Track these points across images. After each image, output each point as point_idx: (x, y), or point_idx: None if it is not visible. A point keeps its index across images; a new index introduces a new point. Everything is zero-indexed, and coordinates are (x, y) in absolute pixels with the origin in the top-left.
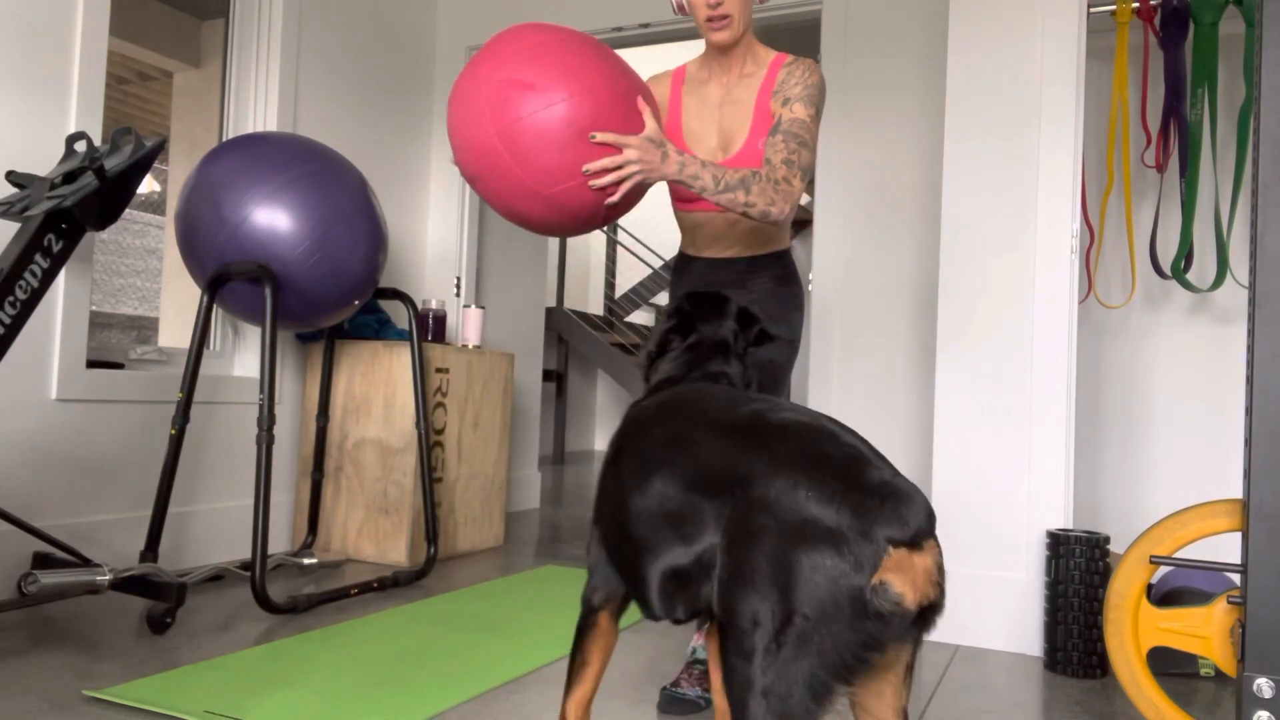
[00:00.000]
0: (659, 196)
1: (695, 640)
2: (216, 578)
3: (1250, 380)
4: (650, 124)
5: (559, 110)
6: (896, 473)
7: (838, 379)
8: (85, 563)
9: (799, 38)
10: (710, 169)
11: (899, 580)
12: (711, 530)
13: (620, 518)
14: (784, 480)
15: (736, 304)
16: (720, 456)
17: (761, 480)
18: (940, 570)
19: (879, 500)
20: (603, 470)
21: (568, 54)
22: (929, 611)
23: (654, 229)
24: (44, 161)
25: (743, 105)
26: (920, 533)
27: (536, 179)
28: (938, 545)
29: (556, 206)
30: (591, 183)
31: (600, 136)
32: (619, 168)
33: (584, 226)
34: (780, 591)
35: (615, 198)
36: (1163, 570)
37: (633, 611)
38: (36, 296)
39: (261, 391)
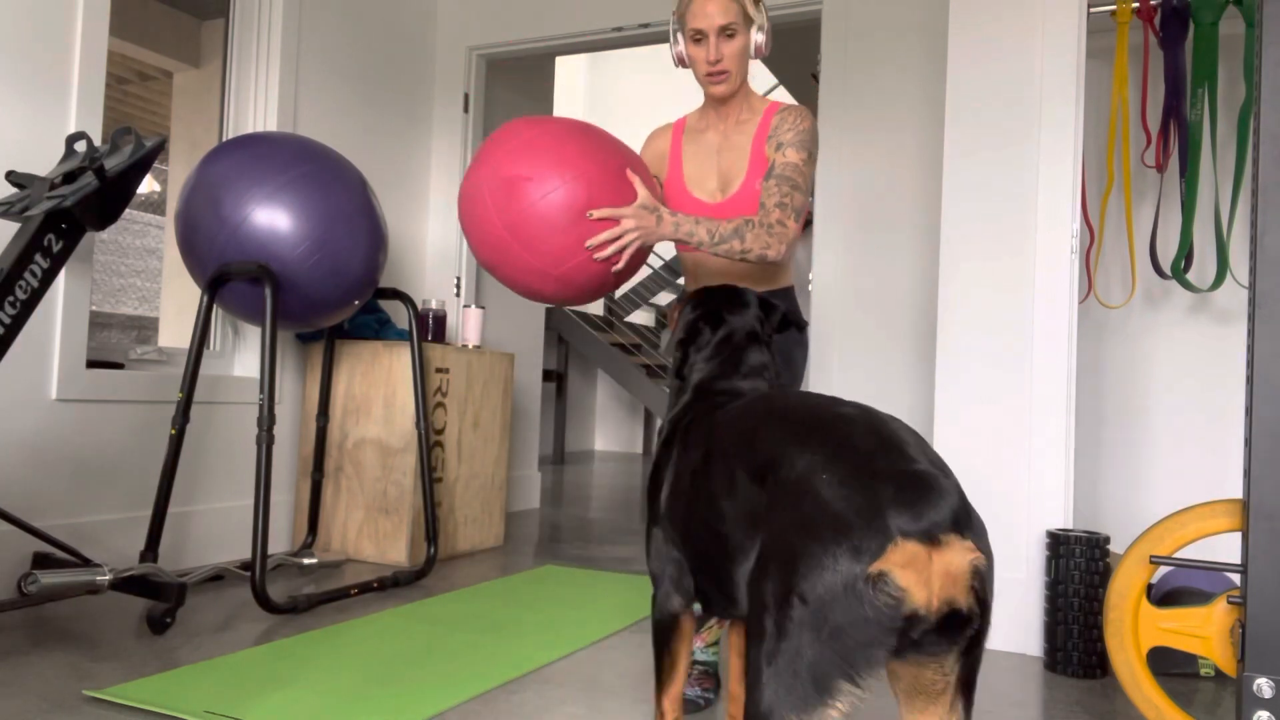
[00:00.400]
0: None
1: (695, 642)
2: (216, 578)
3: (1250, 380)
4: (641, 193)
5: (557, 196)
6: (935, 465)
7: (838, 379)
8: (85, 563)
9: (799, 38)
10: (704, 224)
11: (905, 575)
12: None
13: (710, 523)
14: (806, 465)
15: (754, 292)
16: (769, 447)
17: (787, 466)
18: (977, 576)
19: (896, 488)
20: (677, 475)
21: (558, 144)
22: (957, 621)
23: None
24: (44, 161)
25: (740, 150)
26: (938, 526)
27: (546, 261)
28: (974, 549)
29: (567, 282)
30: (595, 255)
31: (597, 213)
32: (619, 237)
33: (597, 294)
34: (784, 575)
35: (620, 265)
36: (1163, 570)
37: (633, 611)
38: (36, 296)
39: (261, 391)
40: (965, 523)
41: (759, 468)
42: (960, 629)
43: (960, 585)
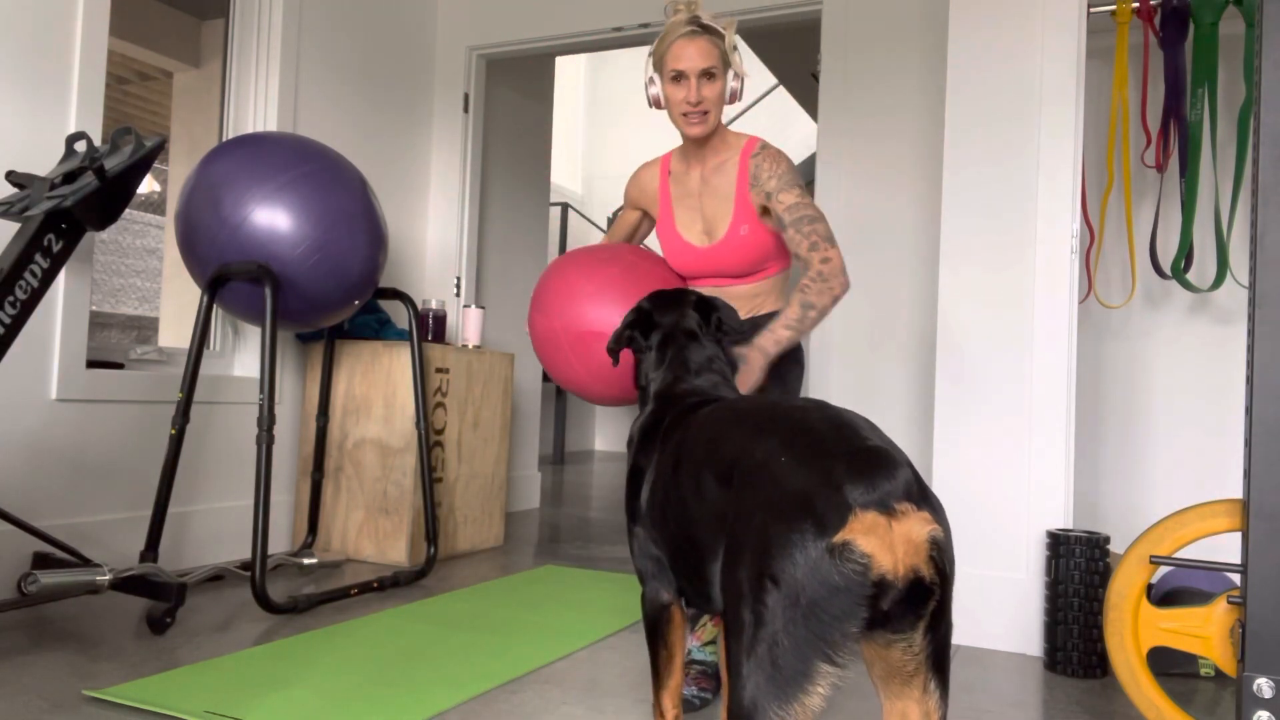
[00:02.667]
0: None
1: (691, 641)
2: (216, 578)
3: (1250, 380)
4: (753, 359)
5: None
6: (886, 444)
7: (838, 379)
8: (85, 563)
9: (799, 38)
10: (788, 327)
11: (868, 542)
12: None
13: (682, 525)
14: (765, 452)
15: (694, 293)
16: (732, 445)
17: (747, 456)
18: (935, 545)
19: (849, 462)
20: (655, 479)
21: (622, 295)
22: (922, 590)
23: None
24: (44, 161)
25: (722, 196)
26: (891, 495)
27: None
28: (931, 519)
29: None
30: None
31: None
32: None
33: None
34: (754, 559)
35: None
36: (1163, 570)
37: (633, 611)
38: (36, 296)
39: (261, 391)
40: (920, 496)
41: (724, 469)
42: (924, 600)
43: (921, 555)
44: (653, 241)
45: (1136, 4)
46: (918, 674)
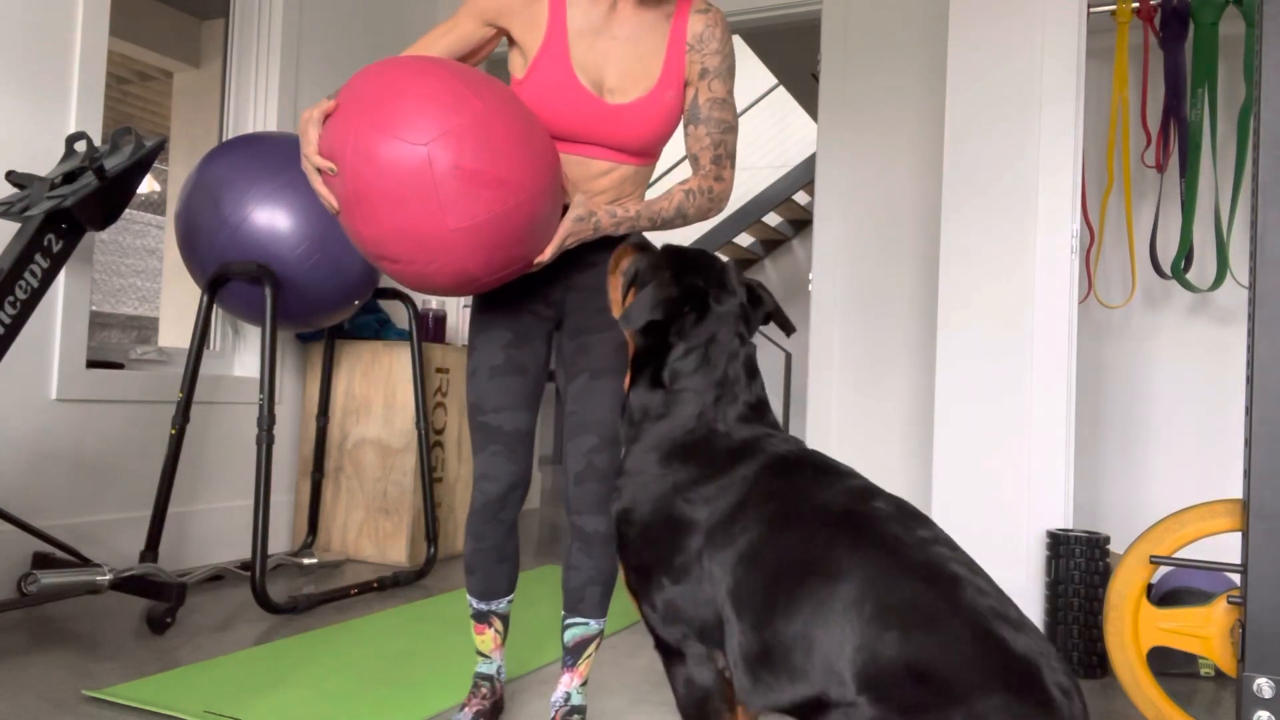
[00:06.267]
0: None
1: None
2: (216, 578)
3: (1250, 380)
4: (577, 205)
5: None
6: (1024, 623)
7: (838, 379)
8: (85, 563)
9: (799, 38)
10: (644, 212)
11: None
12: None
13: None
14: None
15: (738, 274)
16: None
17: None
18: None
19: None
20: (747, 555)
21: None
22: None
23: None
24: (44, 161)
25: (651, 50)
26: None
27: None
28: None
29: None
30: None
31: (542, 259)
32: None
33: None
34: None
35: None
36: (1163, 570)
37: (633, 611)
38: (36, 296)
39: (261, 391)
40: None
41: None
42: None
43: None
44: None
45: (1136, 4)
46: None
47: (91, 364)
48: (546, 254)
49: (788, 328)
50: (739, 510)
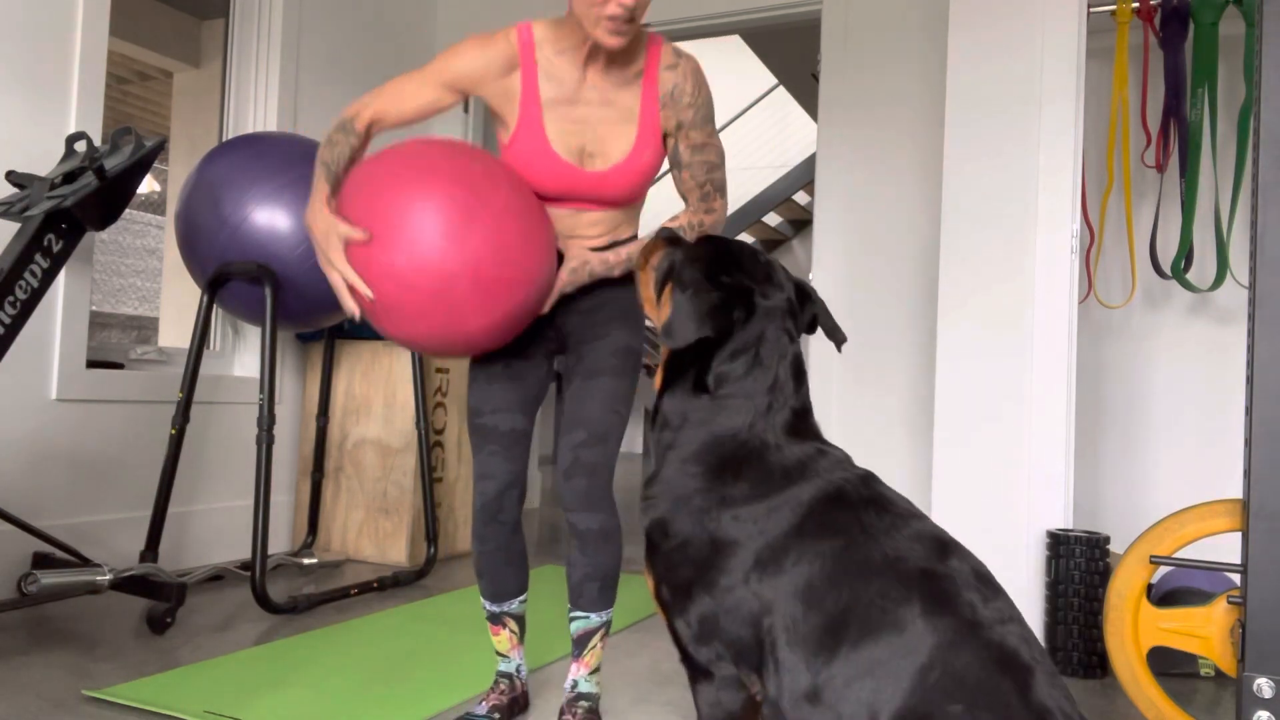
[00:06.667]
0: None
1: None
2: (216, 578)
3: (1250, 380)
4: (569, 263)
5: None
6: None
7: (838, 379)
8: (85, 563)
9: (799, 38)
10: (637, 252)
11: None
12: None
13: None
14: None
15: (773, 260)
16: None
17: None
18: None
19: None
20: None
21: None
22: None
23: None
24: (44, 161)
25: (621, 110)
26: None
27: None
28: None
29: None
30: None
31: (542, 312)
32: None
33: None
34: None
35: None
36: (1163, 570)
37: (633, 611)
38: (36, 296)
39: (261, 391)
40: None
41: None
42: None
43: None
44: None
45: (1136, 4)
46: None
47: (91, 364)
48: (546, 307)
49: (838, 336)
50: (794, 537)
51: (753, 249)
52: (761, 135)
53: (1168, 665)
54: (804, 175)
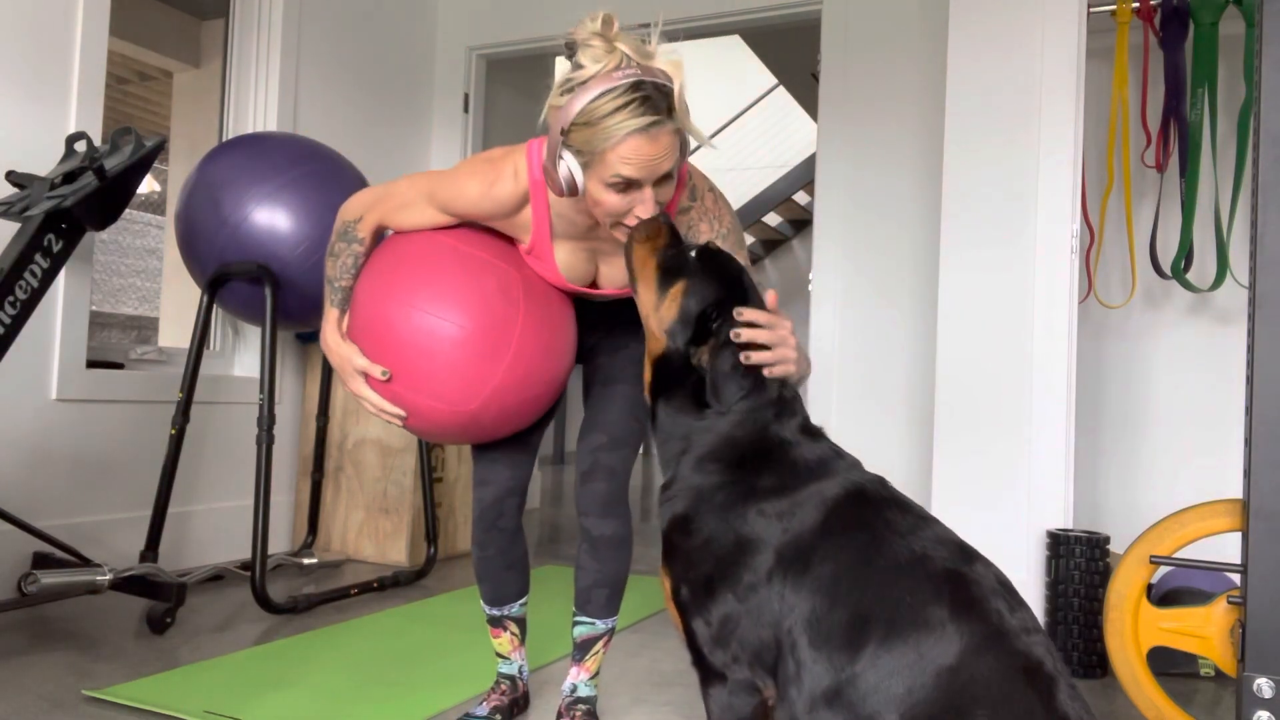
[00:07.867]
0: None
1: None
2: (216, 578)
3: (1250, 380)
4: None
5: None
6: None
7: (838, 379)
8: (85, 563)
9: (799, 38)
10: None
11: None
12: None
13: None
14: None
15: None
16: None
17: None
18: None
19: None
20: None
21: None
22: None
23: None
24: (44, 161)
25: None
26: None
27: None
28: None
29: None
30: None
31: None
32: None
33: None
34: None
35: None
36: (1163, 570)
37: (633, 611)
38: (36, 296)
39: (261, 391)
40: None
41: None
42: None
43: None
44: None
45: (1136, 4)
46: None
47: (91, 364)
48: None
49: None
50: (819, 534)
51: (731, 261)
52: (761, 135)
53: (1168, 665)
54: (804, 175)
